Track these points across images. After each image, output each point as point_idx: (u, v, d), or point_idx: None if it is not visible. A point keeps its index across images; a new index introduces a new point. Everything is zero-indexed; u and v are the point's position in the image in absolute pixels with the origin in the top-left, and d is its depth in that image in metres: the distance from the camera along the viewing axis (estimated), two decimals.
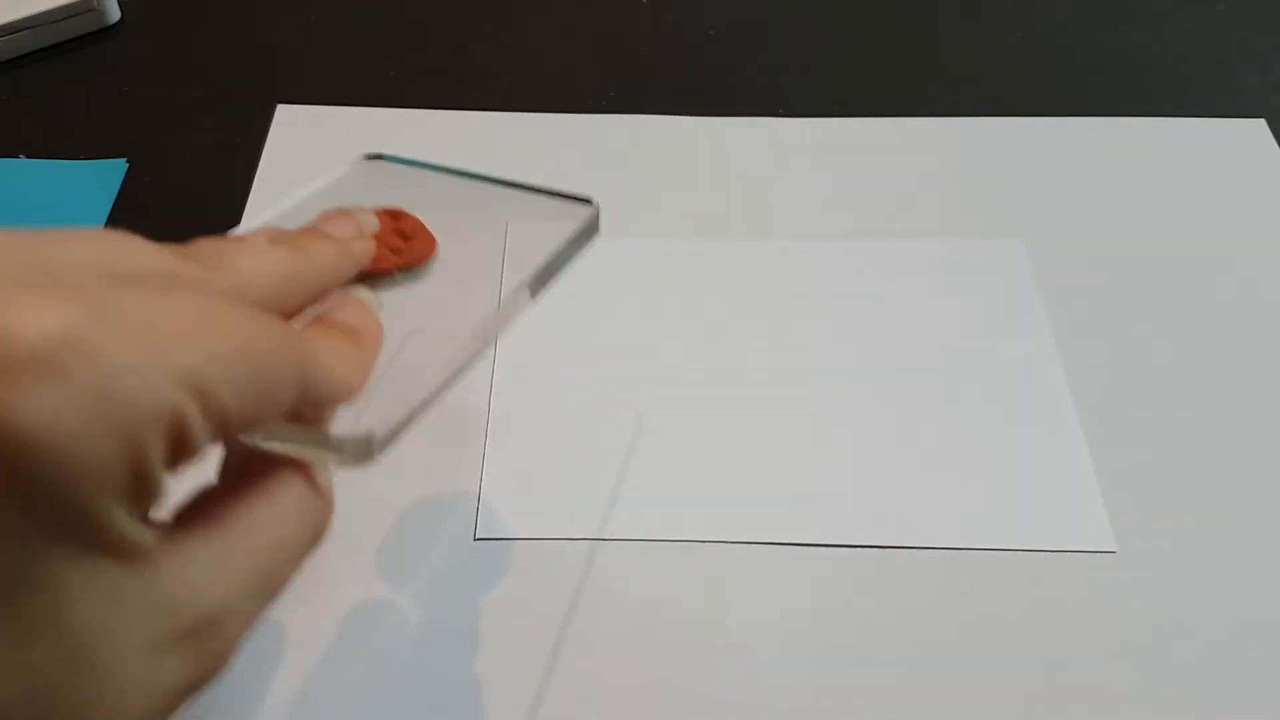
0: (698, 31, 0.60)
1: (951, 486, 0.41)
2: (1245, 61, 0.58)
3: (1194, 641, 0.38)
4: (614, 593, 0.38)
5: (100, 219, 0.50)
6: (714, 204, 0.51)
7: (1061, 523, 0.40)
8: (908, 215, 0.51)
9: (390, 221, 0.36)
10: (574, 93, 0.56)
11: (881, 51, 0.59)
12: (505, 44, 0.59)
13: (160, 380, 0.20)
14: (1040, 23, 0.61)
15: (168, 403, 0.20)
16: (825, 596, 0.39)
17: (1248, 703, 0.36)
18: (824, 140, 0.54)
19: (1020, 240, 0.49)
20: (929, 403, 0.44)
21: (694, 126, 0.54)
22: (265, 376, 0.22)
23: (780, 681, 0.37)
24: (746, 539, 0.40)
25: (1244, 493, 0.42)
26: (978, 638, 0.38)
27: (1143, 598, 0.39)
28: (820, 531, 0.40)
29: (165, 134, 0.54)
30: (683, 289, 0.48)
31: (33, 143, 0.53)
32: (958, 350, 0.46)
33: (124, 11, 0.60)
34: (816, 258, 0.49)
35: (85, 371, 0.19)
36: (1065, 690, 0.37)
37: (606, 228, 0.49)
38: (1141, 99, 0.56)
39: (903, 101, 0.56)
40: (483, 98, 0.56)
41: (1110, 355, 0.45)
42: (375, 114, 0.55)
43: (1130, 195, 0.51)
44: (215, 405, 0.21)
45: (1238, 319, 0.47)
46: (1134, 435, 0.43)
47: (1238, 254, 0.49)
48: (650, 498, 0.41)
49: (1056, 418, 0.43)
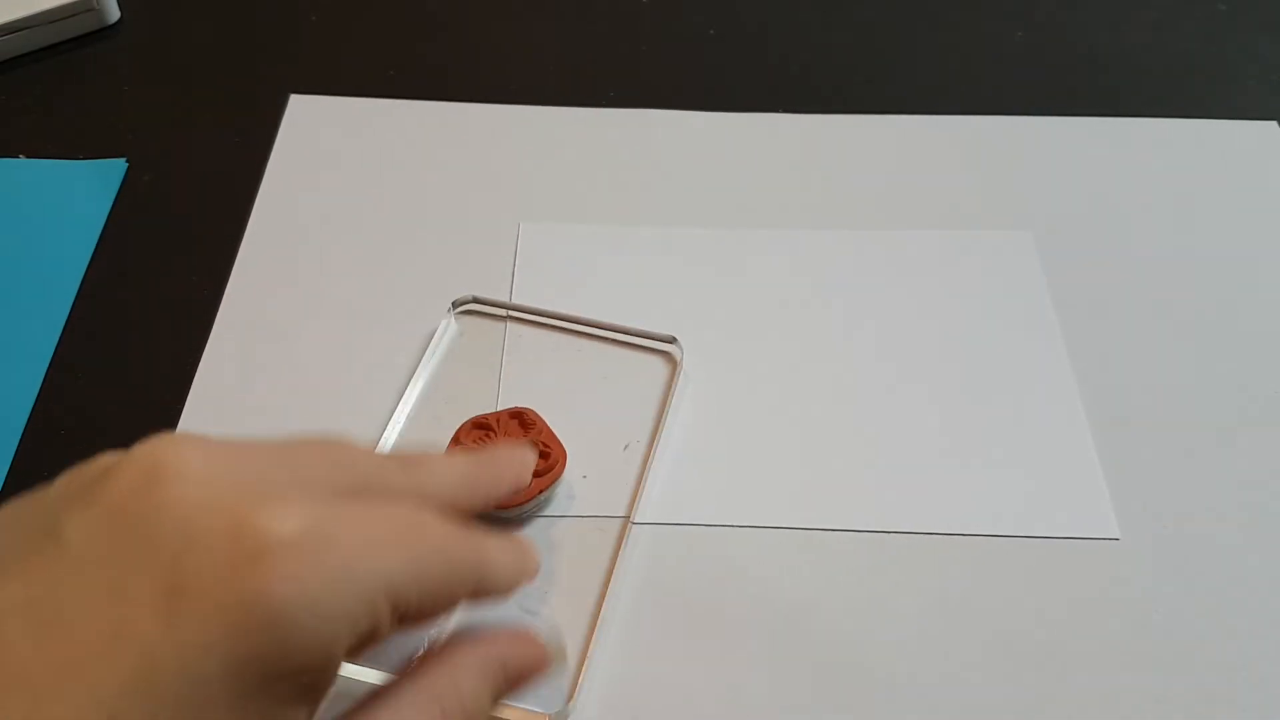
0: (698, 31, 0.60)
1: (956, 473, 0.41)
2: (1246, 62, 0.58)
3: (1196, 628, 0.38)
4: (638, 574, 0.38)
5: (100, 219, 0.50)
6: (724, 196, 0.51)
7: (1065, 509, 0.40)
8: (913, 210, 0.51)
9: (521, 432, 0.41)
10: (574, 92, 0.56)
11: (881, 51, 0.59)
12: (505, 44, 0.59)
13: (367, 582, 0.24)
14: (1041, 22, 0.61)
15: (370, 601, 0.25)
16: (828, 580, 0.38)
17: (1249, 690, 0.36)
18: (831, 136, 0.54)
19: (1028, 232, 0.49)
20: (935, 389, 0.44)
21: (702, 121, 0.55)
22: (449, 578, 0.27)
23: (773, 667, 0.36)
24: (749, 523, 0.40)
25: (1246, 481, 0.41)
26: (979, 623, 0.38)
27: (1145, 584, 0.39)
28: (823, 516, 0.40)
29: (165, 134, 0.54)
30: (695, 277, 0.48)
31: (33, 143, 0.54)
32: (964, 338, 0.46)
33: (124, 11, 0.60)
34: (821, 247, 0.49)
35: (319, 559, 0.24)
36: (1067, 676, 0.36)
37: (612, 217, 0.50)
38: (1142, 99, 0.56)
39: (902, 102, 0.56)
40: (483, 98, 0.56)
41: (1115, 345, 0.46)
42: (388, 105, 0.55)
43: (1140, 194, 0.52)
44: (404, 602, 0.25)
45: (1242, 312, 0.47)
46: (1138, 424, 0.43)
47: (1243, 251, 0.49)
48: (666, 483, 0.41)
49: (1061, 405, 0.43)
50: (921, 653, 0.37)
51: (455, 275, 0.47)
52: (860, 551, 0.39)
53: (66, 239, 0.49)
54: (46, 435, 0.42)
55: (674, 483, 0.41)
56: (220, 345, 0.45)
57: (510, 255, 0.48)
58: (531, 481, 0.39)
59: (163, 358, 0.45)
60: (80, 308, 0.47)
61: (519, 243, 0.49)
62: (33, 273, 0.48)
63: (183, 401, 0.43)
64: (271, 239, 0.49)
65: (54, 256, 0.49)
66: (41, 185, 0.52)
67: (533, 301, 0.46)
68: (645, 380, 0.44)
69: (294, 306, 0.47)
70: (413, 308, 0.46)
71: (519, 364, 0.44)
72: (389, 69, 0.57)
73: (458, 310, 0.46)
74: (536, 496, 0.39)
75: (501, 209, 0.50)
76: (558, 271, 0.48)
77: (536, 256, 0.48)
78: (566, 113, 0.55)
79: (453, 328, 0.45)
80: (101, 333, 0.46)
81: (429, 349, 0.44)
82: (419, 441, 0.42)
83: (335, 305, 0.47)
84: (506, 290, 0.47)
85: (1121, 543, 0.40)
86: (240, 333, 0.46)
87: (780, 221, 0.50)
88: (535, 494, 0.39)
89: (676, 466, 0.42)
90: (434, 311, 0.46)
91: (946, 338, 0.46)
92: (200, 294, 0.47)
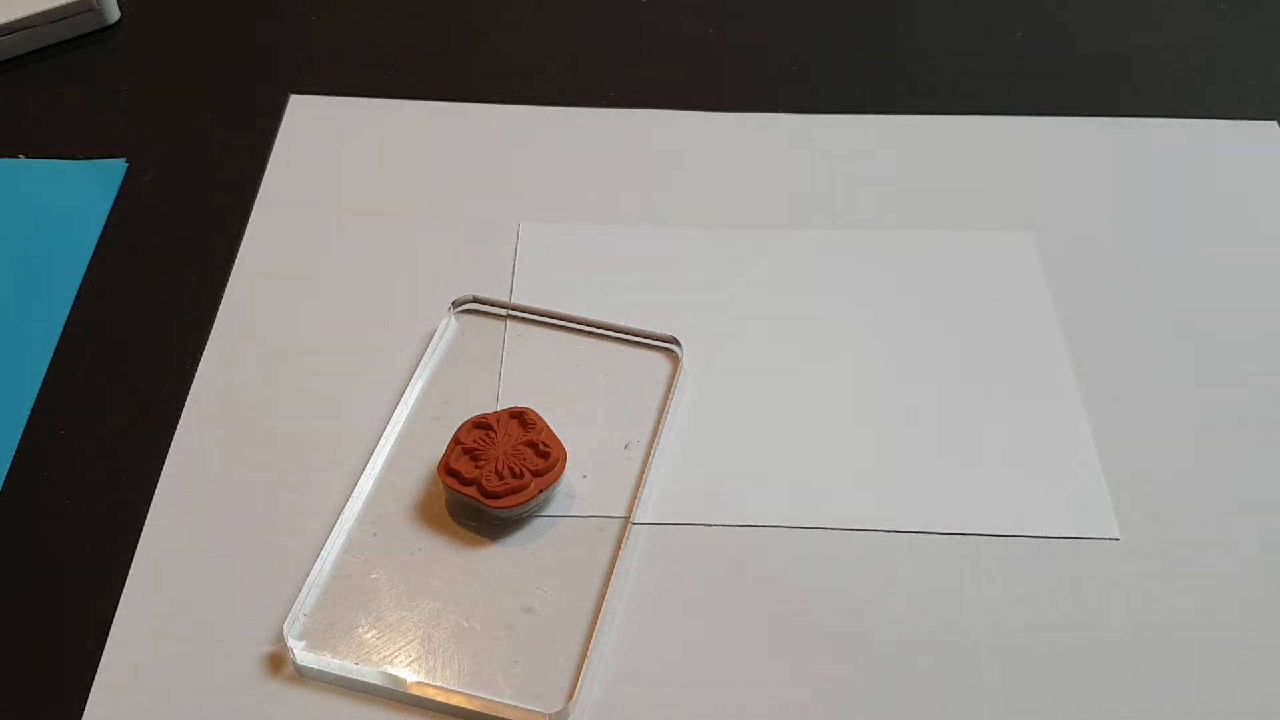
0: (698, 31, 0.60)
1: (956, 472, 0.41)
2: (1246, 62, 0.58)
3: (1196, 628, 0.38)
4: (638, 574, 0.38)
5: (100, 219, 0.50)
6: (724, 196, 0.51)
7: (1066, 509, 0.40)
8: (914, 210, 0.51)
9: (521, 432, 0.40)
10: (574, 92, 0.56)
11: (881, 52, 0.59)
12: (506, 44, 0.59)
13: None
14: (1041, 23, 0.61)
15: None
16: (828, 580, 0.38)
17: (1249, 690, 0.36)
18: (831, 136, 0.54)
19: (1030, 232, 0.49)
20: (935, 389, 0.44)
21: (702, 121, 0.55)
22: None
23: (773, 667, 0.36)
24: (749, 523, 0.40)
25: (1247, 481, 0.41)
26: (979, 623, 0.37)
27: (1146, 584, 0.39)
28: (823, 516, 0.40)
29: (165, 134, 0.54)
30: (695, 276, 0.48)
31: (33, 143, 0.53)
32: (965, 338, 0.46)
33: (124, 11, 0.60)
34: (821, 247, 0.49)
35: None
36: (1067, 676, 0.36)
37: (612, 217, 0.50)
38: (1141, 99, 0.56)
39: (902, 101, 0.56)
40: (483, 98, 0.56)
41: (1116, 345, 0.46)
42: (388, 105, 0.55)
43: (1141, 194, 0.52)
44: None
45: (1243, 312, 0.47)
46: (1138, 423, 0.43)
47: (1243, 251, 0.49)
48: (667, 482, 0.41)
49: (1061, 405, 0.43)
50: (921, 652, 0.37)
51: (455, 275, 0.47)
52: (860, 551, 0.39)
53: (66, 239, 0.49)
54: (47, 435, 0.42)
55: (674, 483, 0.41)
56: (220, 345, 0.45)
57: (510, 255, 0.48)
58: (531, 481, 0.39)
59: (163, 358, 0.45)
60: (80, 308, 0.47)
61: (519, 243, 0.49)
62: (33, 273, 0.48)
63: (183, 402, 0.43)
64: (271, 239, 0.49)
65: (54, 256, 0.48)
66: (41, 185, 0.52)
67: (533, 301, 0.46)
68: (646, 380, 0.44)
69: (294, 306, 0.47)
70: (413, 308, 0.46)
71: (519, 364, 0.44)
72: (389, 69, 0.57)
73: (457, 310, 0.46)
74: (536, 497, 0.39)
75: (501, 209, 0.50)
76: (558, 271, 0.48)
77: (536, 256, 0.48)
78: (566, 113, 0.55)
79: (453, 327, 0.45)
80: (101, 333, 0.46)
81: (429, 349, 0.44)
82: (419, 440, 0.42)
83: (335, 305, 0.47)
84: (506, 290, 0.47)
85: (1121, 543, 0.40)
86: (240, 332, 0.46)
87: (780, 221, 0.50)
88: (535, 494, 0.39)
89: (676, 466, 0.41)
90: (434, 311, 0.46)
91: (947, 337, 0.46)
92: (200, 294, 0.47)
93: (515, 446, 0.40)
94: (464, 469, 0.39)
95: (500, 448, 0.40)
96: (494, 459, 0.39)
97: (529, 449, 0.40)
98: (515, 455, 0.39)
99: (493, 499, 0.39)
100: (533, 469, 0.39)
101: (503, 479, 0.39)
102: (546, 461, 0.39)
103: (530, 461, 0.39)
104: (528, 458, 0.39)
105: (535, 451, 0.40)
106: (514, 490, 0.39)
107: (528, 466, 0.39)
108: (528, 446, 0.40)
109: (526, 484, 0.39)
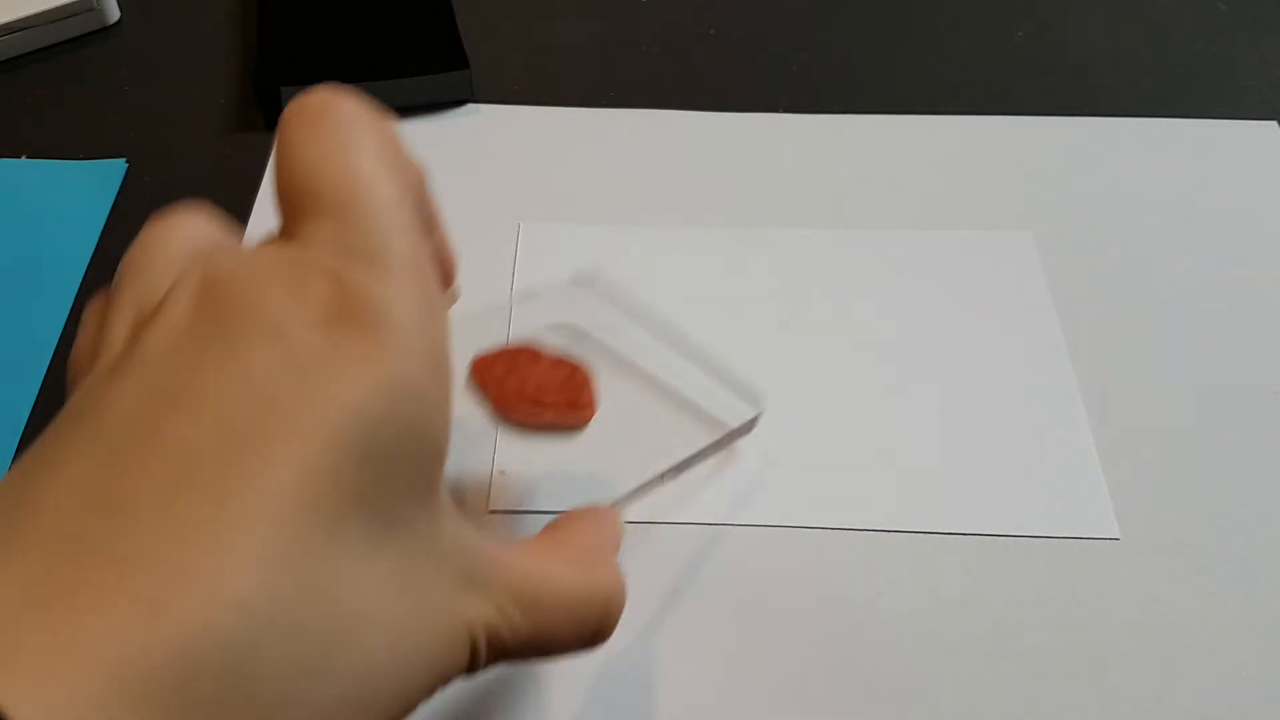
0: (698, 31, 0.60)
1: (956, 472, 0.41)
2: (1246, 62, 0.58)
3: (1197, 628, 0.38)
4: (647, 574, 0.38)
5: (100, 219, 0.50)
6: (724, 195, 0.51)
7: (1066, 509, 0.40)
8: (914, 211, 0.51)
9: (566, 373, 0.39)
10: (574, 92, 0.56)
11: (881, 51, 0.59)
12: (504, 44, 0.59)
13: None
14: (1041, 23, 0.61)
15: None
16: (828, 580, 0.38)
17: (1249, 690, 0.36)
18: (831, 136, 0.54)
19: (1030, 232, 0.50)
20: (935, 389, 0.44)
21: (702, 121, 0.55)
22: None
23: (773, 666, 0.36)
24: (748, 523, 0.40)
25: (1247, 481, 0.41)
26: (979, 622, 0.38)
27: (1146, 584, 0.39)
28: (823, 516, 0.40)
29: (165, 134, 0.54)
30: (695, 276, 0.48)
31: (33, 143, 0.53)
32: (965, 339, 0.46)
33: (124, 11, 0.60)
34: (821, 247, 0.49)
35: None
36: (1067, 676, 0.36)
37: (612, 217, 0.50)
38: (1142, 99, 0.56)
39: (902, 101, 0.56)
40: (483, 98, 0.56)
41: (1116, 345, 0.46)
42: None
43: (1141, 194, 0.52)
44: None
45: (1243, 312, 0.47)
46: (1138, 424, 0.43)
47: (1244, 251, 0.49)
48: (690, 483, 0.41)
49: (1062, 405, 0.43)
50: (920, 652, 0.37)
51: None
52: (860, 551, 0.39)
53: (66, 239, 0.49)
54: None
55: (673, 482, 0.41)
56: None
57: (510, 255, 0.48)
58: (549, 412, 0.37)
59: None
60: (80, 308, 0.47)
61: (519, 243, 0.49)
62: (33, 273, 0.48)
63: None
64: None
65: (54, 256, 0.48)
66: (41, 185, 0.52)
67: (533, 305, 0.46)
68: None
69: None
70: None
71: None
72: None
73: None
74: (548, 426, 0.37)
75: (501, 209, 0.50)
76: (558, 271, 0.48)
77: (536, 256, 0.48)
78: (567, 113, 0.55)
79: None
80: None
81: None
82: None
83: None
84: (507, 290, 0.47)
85: (1121, 543, 0.40)
86: None
87: (780, 221, 0.50)
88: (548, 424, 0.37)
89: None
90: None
91: (947, 338, 0.46)
92: None
93: (555, 379, 0.38)
94: (500, 368, 0.37)
95: (542, 369, 0.38)
96: (529, 379, 0.38)
97: (566, 386, 0.38)
98: (547, 385, 0.38)
99: (505, 408, 0.37)
100: (556, 403, 0.37)
101: (524, 398, 0.37)
102: (574, 408, 0.38)
103: (555, 396, 0.37)
104: (559, 392, 0.38)
105: (567, 395, 0.38)
106: (531, 412, 0.37)
107: (556, 398, 0.37)
108: (566, 385, 0.38)
109: (545, 411, 0.37)
